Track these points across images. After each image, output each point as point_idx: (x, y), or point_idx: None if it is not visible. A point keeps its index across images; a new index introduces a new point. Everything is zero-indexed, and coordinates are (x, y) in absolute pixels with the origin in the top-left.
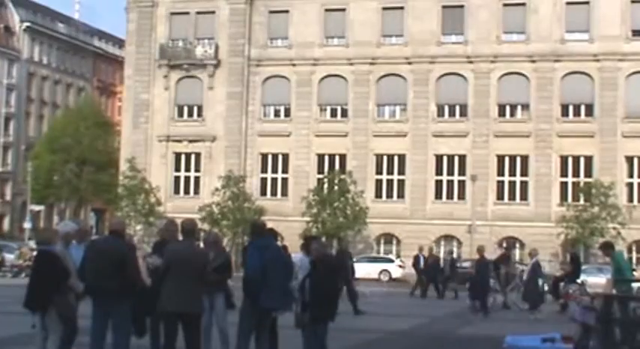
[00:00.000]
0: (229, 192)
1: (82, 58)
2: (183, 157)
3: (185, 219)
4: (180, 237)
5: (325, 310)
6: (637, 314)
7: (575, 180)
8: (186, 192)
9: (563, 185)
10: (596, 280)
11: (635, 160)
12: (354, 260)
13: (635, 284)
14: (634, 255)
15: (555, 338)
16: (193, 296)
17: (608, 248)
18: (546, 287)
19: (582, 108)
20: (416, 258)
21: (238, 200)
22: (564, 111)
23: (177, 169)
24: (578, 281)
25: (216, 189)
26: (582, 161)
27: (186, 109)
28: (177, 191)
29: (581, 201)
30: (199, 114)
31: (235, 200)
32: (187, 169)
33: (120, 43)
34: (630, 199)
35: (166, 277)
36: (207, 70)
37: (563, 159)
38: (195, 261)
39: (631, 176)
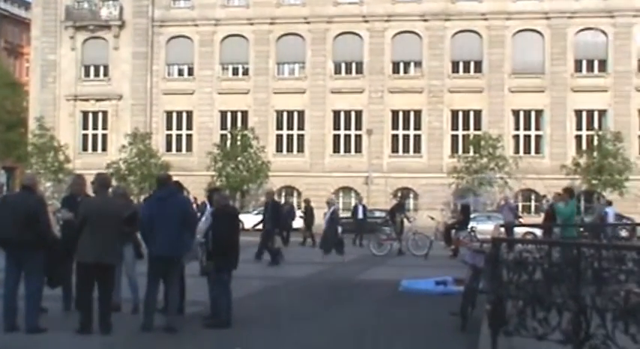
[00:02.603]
0: (136, 149)
1: None
2: (90, 116)
3: (100, 172)
4: (96, 190)
5: (227, 258)
6: (522, 256)
7: (465, 133)
8: (94, 149)
9: (454, 138)
10: (485, 227)
11: (521, 114)
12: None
13: (520, 229)
14: (520, 203)
15: (448, 280)
16: (109, 248)
17: (569, 194)
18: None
19: (472, 64)
20: (354, 208)
21: (144, 156)
22: (455, 68)
23: (85, 127)
24: (468, 227)
25: (123, 146)
26: (472, 115)
27: (92, 69)
28: (85, 148)
29: (471, 153)
30: (105, 74)
31: (142, 156)
32: (95, 127)
33: (26, 5)
34: (517, 150)
35: (83, 230)
36: (113, 30)
37: (454, 113)
38: (112, 213)
39: (517, 128)
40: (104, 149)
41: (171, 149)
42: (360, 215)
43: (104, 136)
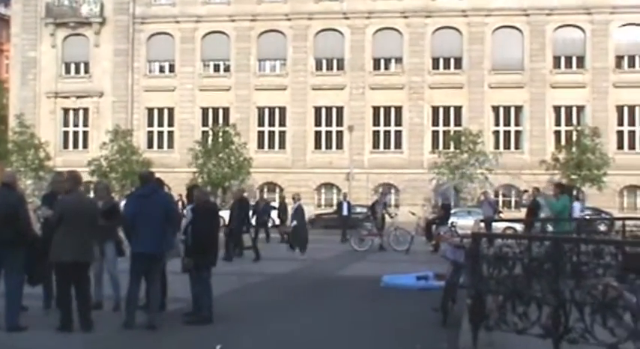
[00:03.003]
0: (117, 146)
1: None
2: (71, 113)
3: (71, 170)
4: (70, 188)
5: (206, 255)
6: (502, 251)
7: (445, 129)
8: (75, 146)
9: (435, 134)
10: (465, 222)
11: (501, 109)
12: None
13: (499, 224)
14: (500, 198)
15: (429, 276)
16: (86, 246)
17: (560, 189)
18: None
19: (452, 61)
20: (339, 205)
21: (126, 153)
22: (435, 64)
23: (66, 124)
24: (449, 223)
25: (104, 143)
26: (452, 111)
27: (73, 66)
28: (66, 145)
29: (452, 149)
30: (86, 71)
31: (123, 153)
32: (76, 124)
33: (5, 1)
34: (497, 146)
35: (59, 228)
36: (93, 27)
37: (435, 110)
38: (87, 211)
39: (497, 124)
40: (85, 146)
41: (152, 146)
42: (345, 211)
43: (85, 133)
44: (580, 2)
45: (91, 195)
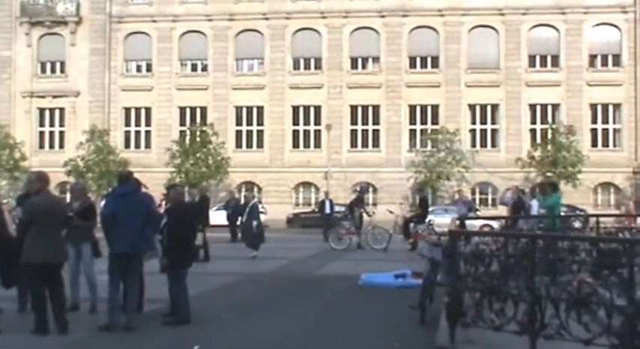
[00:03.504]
0: (94, 146)
1: None
2: (47, 112)
3: (40, 171)
4: (40, 189)
5: (181, 255)
6: (479, 248)
7: (423, 127)
8: (52, 146)
9: (412, 132)
10: (442, 220)
11: (477, 108)
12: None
13: (476, 222)
14: (477, 196)
15: (406, 274)
16: (59, 247)
17: (552, 187)
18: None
19: (429, 60)
20: (321, 203)
21: (103, 153)
22: (412, 63)
23: (42, 124)
24: (427, 221)
25: (81, 143)
26: (429, 109)
27: (49, 66)
28: (42, 146)
29: (429, 147)
30: (62, 71)
31: (100, 153)
32: (52, 124)
33: None
34: (473, 144)
35: (31, 230)
36: (69, 26)
37: (412, 108)
38: (57, 211)
39: (474, 123)
40: (61, 146)
41: (129, 146)
42: (327, 210)
43: (61, 133)
44: (554, 2)
45: (67, 195)
